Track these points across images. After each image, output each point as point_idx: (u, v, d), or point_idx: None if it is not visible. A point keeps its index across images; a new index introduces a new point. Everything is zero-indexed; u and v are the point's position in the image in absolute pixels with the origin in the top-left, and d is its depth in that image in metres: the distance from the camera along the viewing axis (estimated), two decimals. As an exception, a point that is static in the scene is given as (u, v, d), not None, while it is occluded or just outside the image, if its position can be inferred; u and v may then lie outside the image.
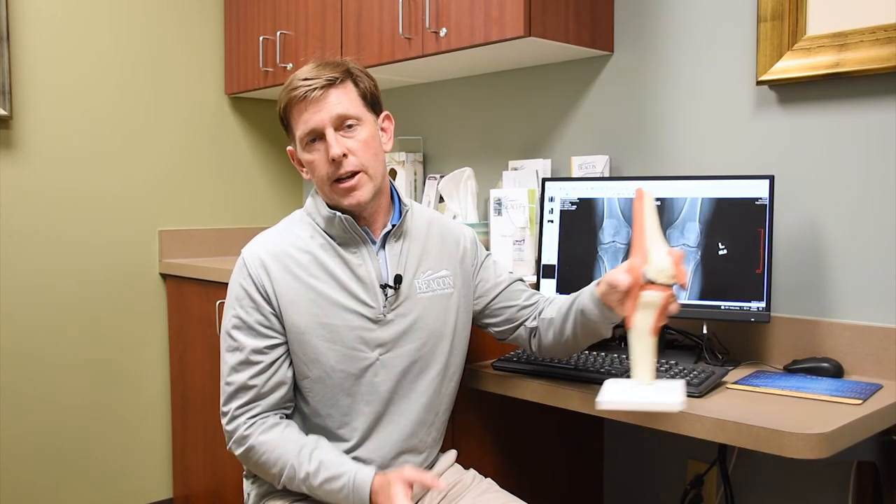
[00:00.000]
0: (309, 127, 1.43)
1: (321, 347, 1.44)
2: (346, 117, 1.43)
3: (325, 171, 1.43)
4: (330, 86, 1.42)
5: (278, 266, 1.45)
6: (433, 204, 2.46)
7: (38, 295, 2.58)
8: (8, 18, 2.46)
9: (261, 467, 1.44)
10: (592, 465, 2.18)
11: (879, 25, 1.64)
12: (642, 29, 2.07)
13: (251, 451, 1.43)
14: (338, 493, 1.37)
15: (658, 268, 1.27)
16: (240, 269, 1.48)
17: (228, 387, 1.45)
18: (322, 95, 1.41)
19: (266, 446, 1.41)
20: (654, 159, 2.05)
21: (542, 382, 1.59)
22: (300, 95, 1.41)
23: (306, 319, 1.44)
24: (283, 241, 1.49)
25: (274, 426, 1.43)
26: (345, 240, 1.47)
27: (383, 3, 2.27)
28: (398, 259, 1.50)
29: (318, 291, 1.44)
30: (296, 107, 1.43)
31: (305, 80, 1.42)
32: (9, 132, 2.51)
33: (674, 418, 1.37)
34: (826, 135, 1.74)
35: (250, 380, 1.43)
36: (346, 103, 1.43)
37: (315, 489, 1.39)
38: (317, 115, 1.41)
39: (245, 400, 1.43)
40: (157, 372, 2.85)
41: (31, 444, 2.57)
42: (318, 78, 1.41)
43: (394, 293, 1.47)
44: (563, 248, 1.88)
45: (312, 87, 1.41)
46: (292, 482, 1.41)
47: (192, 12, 2.88)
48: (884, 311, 1.66)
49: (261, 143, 3.10)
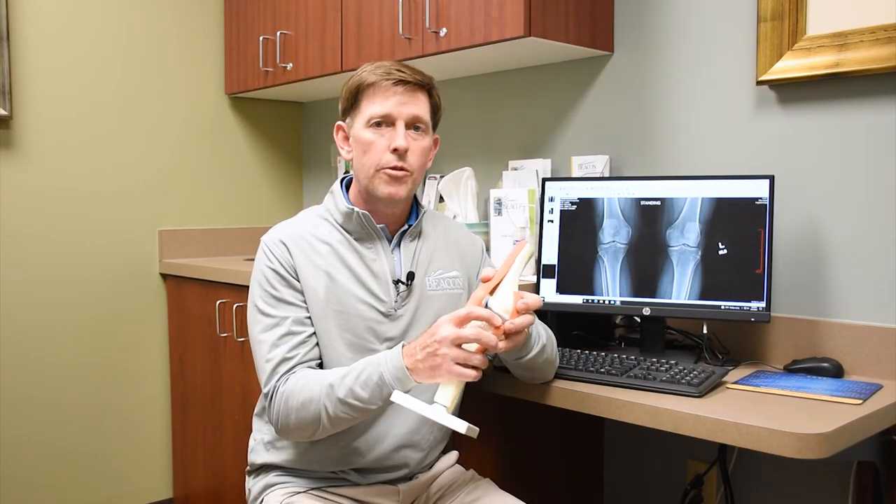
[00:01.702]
0: (386, 111, 1.47)
1: (334, 333, 1.46)
2: (420, 120, 1.50)
3: (381, 156, 1.47)
4: (418, 87, 1.49)
5: (298, 250, 1.49)
6: (433, 204, 2.46)
7: (38, 295, 2.58)
8: (8, 18, 2.46)
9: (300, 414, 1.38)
10: (592, 466, 2.18)
11: (879, 25, 1.64)
12: (642, 29, 2.07)
13: (286, 404, 1.38)
14: (374, 374, 1.33)
15: (499, 300, 1.34)
16: (263, 255, 1.50)
17: (269, 364, 1.42)
18: (410, 91, 1.48)
19: (296, 386, 1.38)
20: (654, 159, 2.05)
21: (543, 383, 1.59)
22: (391, 81, 1.47)
23: (323, 304, 1.46)
24: (302, 230, 1.53)
25: (299, 372, 1.42)
26: (361, 235, 1.52)
27: (383, 3, 2.27)
28: (412, 257, 1.54)
29: (334, 279, 1.48)
30: (380, 89, 1.47)
31: (399, 70, 1.48)
32: (9, 132, 2.51)
33: (674, 418, 1.37)
34: (826, 135, 1.74)
35: (290, 351, 1.43)
36: (424, 109, 1.51)
37: (356, 394, 1.34)
38: (398, 105, 1.47)
39: (286, 369, 1.42)
40: (157, 372, 2.85)
41: (30, 443, 2.57)
42: (410, 74, 1.48)
43: (406, 289, 1.51)
44: (563, 248, 1.88)
45: (405, 80, 1.47)
46: (335, 405, 1.35)
47: (192, 12, 2.88)
48: (884, 311, 1.66)
49: (261, 143, 3.10)
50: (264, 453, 1.55)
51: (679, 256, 1.75)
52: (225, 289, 2.47)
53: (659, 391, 1.47)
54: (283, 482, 1.52)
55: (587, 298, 1.84)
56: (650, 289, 1.77)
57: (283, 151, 3.18)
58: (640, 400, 1.43)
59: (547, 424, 2.00)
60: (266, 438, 1.56)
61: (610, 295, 1.82)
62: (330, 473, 1.51)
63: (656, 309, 1.77)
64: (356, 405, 1.34)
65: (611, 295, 1.82)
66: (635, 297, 1.79)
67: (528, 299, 1.35)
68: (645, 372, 1.55)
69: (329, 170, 3.06)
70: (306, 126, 3.22)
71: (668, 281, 1.76)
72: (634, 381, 1.51)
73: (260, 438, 1.58)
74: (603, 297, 1.82)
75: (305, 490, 1.49)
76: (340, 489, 1.50)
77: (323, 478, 1.51)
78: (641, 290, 1.78)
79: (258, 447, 1.57)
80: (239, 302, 2.40)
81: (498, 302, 1.34)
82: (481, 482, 1.60)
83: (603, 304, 1.83)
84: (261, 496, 1.54)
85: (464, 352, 1.28)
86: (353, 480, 1.51)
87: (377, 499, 1.51)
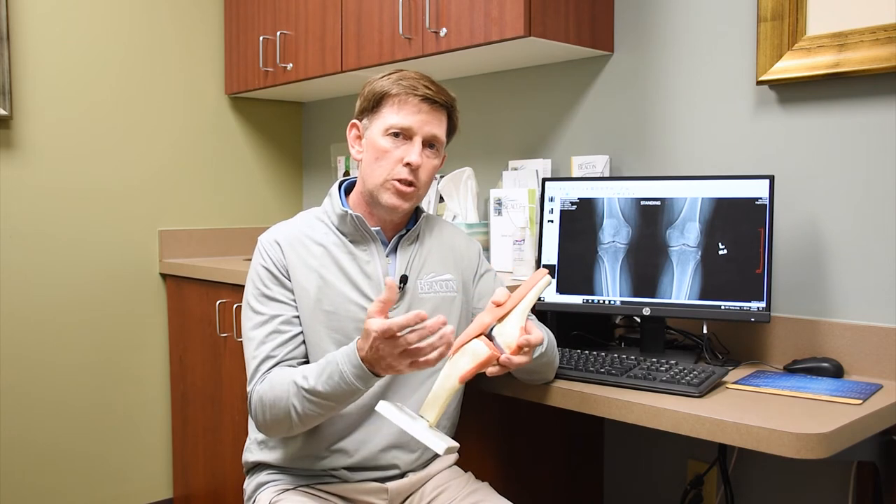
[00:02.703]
0: (408, 124, 1.48)
1: (322, 333, 1.48)
2: (437, 140, 1.52)
3: (392, 168, 1.49)
4: (443, 108, 1.52)
5: (292, 251, 1.52)
6: (433, 204, 2.46)
7: (38, 295, 2.58)
8: (8, 18, 2.46)
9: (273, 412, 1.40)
10: (592, 466, 2.18)
11: (879, 25, 1.64)
12: (642, 29, 2.07)
13: (260, 402, 1.41)
14: (335, 374, 1.33)
15: (505, 331, 1.34)
16: (259, 254, 1.54)
17: (254, 360, 1.46)
18: (435, 110, 1.50)
19: (266, 385, 1.41)
20: (654, 159, 2.05)
21: (543, 383, 1.59)
22: (419, 95, 1.48)
23: (312, 304, 1.48)
24: (297, 231, 1.55)
25: (272, 371, 1.44)
26: (355, 237, 1.53)
27: (383, 3, 2.27)
28: (408, 261, 1.55)
29: (326, 280, 1.49)
30: (407, 101, 1.48)
31: (427, 87, 1.49)
32: (9, 132, 2.51)
33: (674, 418, 1.37)
34: (826, 135, 1.74)
35: (275, 349, 1.45)
36: (443, 129, 1.54)
37: (318, 392, 1.34)
38: (421, 122, 1.49)
39: (266, 368, 1.44)
40: (157, 372, 2.85)
41: (31, 443, 2.57)
42: (438, 94, 1.50)
43: (399, 292, 1.52)
44: (563, 248, 1.88)
45: (433, 98, 1.49)
46: (302, 402, 1.36)
47: (191, 12, 2.88)
48: (884, 311, 1.66)
49: (261, 143, 3.10)
50: (257, 452, 1.56)
51: (679, 256, 1.75)
52: (225, 289, 2.47)
53: (659, 391, 1.47)
54: (273, 480, 1.53)
55: (587, 298, 1.84)
56: (650, 289, 1.77)
57: (283, 151, 3.18)
58: (639, 400, 1.43)
59: (547, 424, 2.00)
60: (259, 437, 1.57)
61: (610, 295, 1.82)
62: (319, 471, 1.51)
63: (656, 309, 1.77)
64: (321, 402, 1.35)
65: (611, 295, 1.82)
66: (635, 297, 1.79)
67: (532, 337, 1.35)
68: (645, 372, 1.55)
69: (329, 170, 3.06)
70: (306, 126, 3.22)
71: (668, 281, 1.76)
72: (634, 381, 1.51)
73: (254, 437, 1.59)
74: (603, 297, 1.82)
75: (294, 487, 1.51)
76: (329, 486, 1.51)
77: (312, 475, 1.52)
78: (641, 290, 1.78)
79: (252, 445, 1.59)
80: (239, 302, 2.39)
81: (503, 332, 1.34)
82: (479, 486, 1.59)
83: (603, 304, 1.83)
84: (253, 496, 1.55)
85: (405, 344, 1.24)
86: (341, 478, 1.51)
87: (365, 496, 1.51)
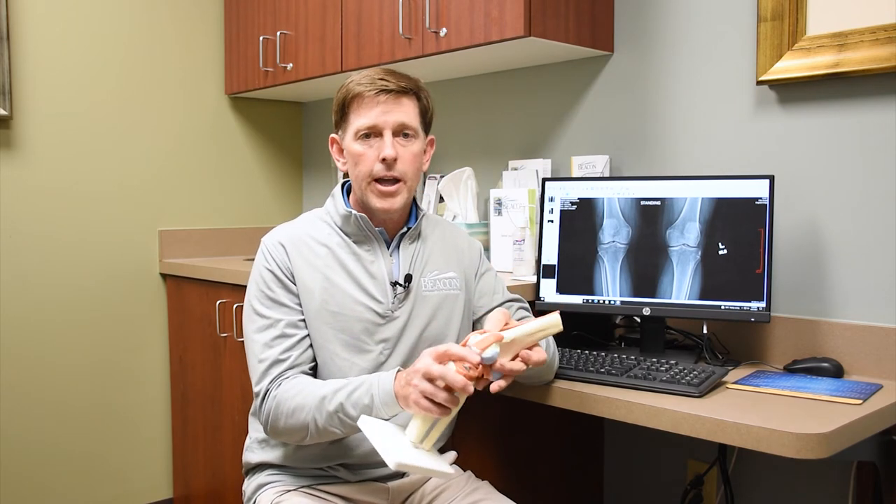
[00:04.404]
0: (371, 122, 1.47)
1: (328, 334, 1.48)
2: (406, 127, 1.49)
3: (371, 167, 1.48)
4: (403, 93, 1.49)
5: (296, 252, 1.51)
6: (433, 204, 2.46)
7: (38, 295, 2.58)
8: (8, 18, 2.46)
9: (290, 421, 1.41)
10: (592, 466, 2.18)
11: (879, 25, 1.64)
12: (642, 29, 2.07)
13: (277, 408, 1.41)
14: (364, 396, 1.34)
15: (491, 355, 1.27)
16: (262, 256, 1.53)
17: (261, 364, 1.45)
18: (393, 98, 1.48)
19: (289, 393, 1.41)
20: (654, 159, 2.05)
21: (542, 384, 1.59)
22: (374, 91, 1.47)
23: (318, 305, 1.48)
24: (301, 232, 1.55)
25: (294, 377, 1.44)
26: (359, 238, 1.53)
27: (383, 3, 2.27)
28: (410, 259, 1.55)
29: (331, 281, 1.49)
30: (364, 100, 1.48)
31: (382, 79, 1.48)
32: (9, 132, 2.51)
33: (674, 418, 1.37)
34: (826, 135, 1.74)
35: (283, 353, 1.45)
36: (411, 114, 1.50)
37: (345, 408, 1.35)
38: (383, 114, 1.47)
39: (279, 371, 1.45)
40: (157, 372, 2.85)
41: (31, 443, 2.57)
42: (394, 82, 1.48)
43: (403, 291, 1.52)
44: (563, 248, 1.88)
45: (387, 88, 1.47)
46: (322, 414, 1.37)
47: (191, 12, 2.88)
48: (884, 311, 1.66)
49: (261, 143, 3.10)
50: (258, 451, 1.56)
51: (679, 256, 1.75)
52: (225, 289, 2.47)
53: (659, 391, 1.47)
54: (273, 481, 1.53)
55: (587, 298, 1.84)
56: (650, 289, 1.77)
57: (283, 151, 3.18)
58: (639, 400, 1.43)
59: (547, 424, 2.00)
60: (260, 436, 1.57)
61: (610, 295, 1.82)
62: (319, 471, 1.52)
63: (656, 309, 1.77)
64: (345, 421, 1.36)
65: (611, 295, 1.82)
66: (635, 297, 1.79)
67: (535, 357, 1.33)
68: (645, 372, 1.55)
69: (329, 170, 3.06)
70: (306, 126, 3.22)
71: (668, 281, 1.76)
72: (634, 381, 1.51)
73: (255, 437, 1.59)
74: (603, 297, 1.82)
75: (296, 488, 1.50)
76: (330, 486, 1.51)
77: (313, 475, 1.52)
78: (641, 290, 1.78)
79: (252, 445, 1.59)
80: (239, 302, 2.39)
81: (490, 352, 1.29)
82: (480, 485, 1.59)
83: (603, 304, 1.83)
84: (253, 496, 1.55)
85: (431, 386, 1.27)
86: (342, 477, 1.51)
87: (366, 496, 1.51)
